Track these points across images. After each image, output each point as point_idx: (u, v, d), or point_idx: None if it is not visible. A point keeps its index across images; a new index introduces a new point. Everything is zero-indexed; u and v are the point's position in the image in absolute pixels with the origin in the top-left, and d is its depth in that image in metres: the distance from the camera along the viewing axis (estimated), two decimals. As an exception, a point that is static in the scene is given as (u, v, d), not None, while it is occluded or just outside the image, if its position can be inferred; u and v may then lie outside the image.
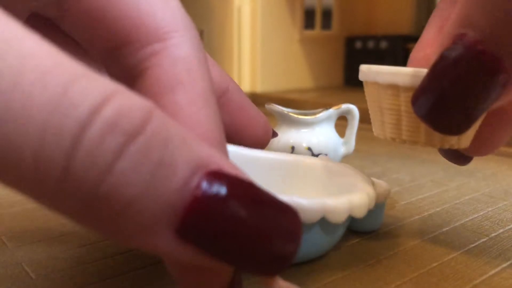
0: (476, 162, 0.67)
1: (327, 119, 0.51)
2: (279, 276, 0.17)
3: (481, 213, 0.45)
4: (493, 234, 0.40)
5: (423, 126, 0.22)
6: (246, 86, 1.33)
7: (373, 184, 0.38)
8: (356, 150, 0.73)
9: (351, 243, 0.38)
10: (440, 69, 0.15)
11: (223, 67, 1.50)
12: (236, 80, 1.33)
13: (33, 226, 0.41)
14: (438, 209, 0.46)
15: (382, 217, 0.40)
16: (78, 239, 0.38)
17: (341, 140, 0.52)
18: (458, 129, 0.16)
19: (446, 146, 0.23)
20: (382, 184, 0.40)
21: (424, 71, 0.18)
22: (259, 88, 1.31)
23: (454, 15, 0.16)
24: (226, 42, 1.38)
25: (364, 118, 0.98)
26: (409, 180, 0.57)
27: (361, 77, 0.26)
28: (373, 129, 0.28)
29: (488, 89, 0.15)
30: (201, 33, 1.46)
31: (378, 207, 0.39)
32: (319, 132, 0.50)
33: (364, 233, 0.39)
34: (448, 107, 0.16)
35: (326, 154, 0.50)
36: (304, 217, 0.29)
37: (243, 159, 0.42)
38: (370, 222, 0.39)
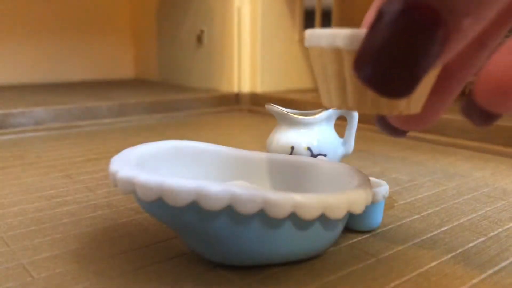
0: (475, 162, 0.67)
1: (327, 119, 0.51)
2: None
3: (480, 213, 0.45)
4: (491, 234, 0.40)
5: (369, 92, 0.20)
6: (246, 86, 1.33)
7: (372, 183, 0.38)
8: (356, 150, 0.73)
9: (350, 242, 0.38)
10: (377, 27, 0.14)
11: (223, 68, 1.50)
12: (236, 80, 1.33)
13: (34, 226, 0.41)
14: (437, 208, 0.47)
15: (381, 216, 0.40)
16: (79, 239, 0.39)
17: (340, 140, 0.53)
18: (401, 91, 0.15)
19: (395, 113, 0.21)
20: (381, 183, 0.40)
21: (364, 31, 0.16)
22: (259, 89, 1.31)
23: None
24: (226, 42, 1.38)
25: (364, 118, 0.98)
26: (408, 180, 0.57)
27: (306, 43, 0.24)
28: (322, 99, 0.25)
29: (428, 44, 0.14)
30: (201, 33, 1.46)
31: (377, 206, 0.39)
32: (319, 132, 0.50)
33: (363, 232, 0.40)
34: (389, 67, 0.14)
35: (325, 155, 0.50)
36: (305, 213, 0.29)
37: (244, 160, 0.42)
38: (369, 221, 0.39)
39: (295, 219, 0.31)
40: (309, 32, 0.24)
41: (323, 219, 0.32)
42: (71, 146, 0.77)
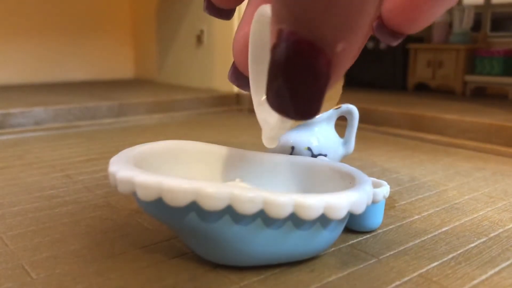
0: (476, 162, 0.67)
1: (327, 119, 0.51)
2: None
3: (481, 213, 0.45)
4: (492, 234, 0.40)
5: None
6: (246, 86, 1.32)
7: (372, 183, 0.38)
8: (356, 150, 0.73)
9: (350, 242, 0.38)
10: (272, 68, 0.17)
11: (224, 67, 1.50)
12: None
13: (33, 226, 0.41)
14: (437, 209, 0.46)
15: (381, 216, 0.40)
16: (79, 239, 0.38)
17: (341, 140, 0.52)
18: (311, 114, 0.17)
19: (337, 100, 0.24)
20: (381, 183, 0.40)
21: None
22: (259, 88, 1.31)
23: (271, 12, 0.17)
24: (226, 42, 1.37)
25: (364, 118, 0.98)
26: (409, 180, 0.57)
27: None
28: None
29: (316, 71, 0.16)
30: (201, 33, 1.46)
31: (377, 206, 0.39)
32: (319, 132, 0.50)
33: (364, 233, 0.40)
34: (293, 98, 0.17)
35: (325, 155, 0.50)
36: (305, 214, 0.29)
37: (244, 160, 0.42)
38: (370, 221, 0.39)
39: (295, 220, 0.31)
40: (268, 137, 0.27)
41: (324, 220, 0.31)
42: (71, 146, 0.77)
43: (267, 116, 0.24)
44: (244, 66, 0.23)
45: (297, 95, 0.17)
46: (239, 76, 0.25)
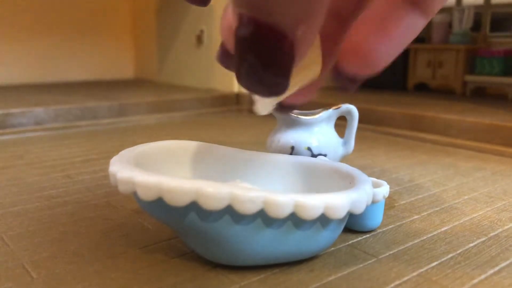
0: (475, 162, 0.67)
1: (327, 119, 0.51)
2: None
3: (480, 213, 0.45)
4: (492, 234, 0.40)
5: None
6: (246, 86, 1.33)
7: (372, 183, 0.38)
8: (356, 150, 0.73)
9: (350, 242, 0.38)
10: (237, 50, 0.17)
11: (223, 68, 1.49)
12: (236, 80, 1.33)
13: (34, 226, 0.41)
14: (437, 208, 0.47)
15: (381, 216, 0.40)
16: (79, 239, 0.38)
17: (340, 140, 0.53)
18: (277, 92, 0.17)
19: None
20: (381, 183, 0.40)
21: None
22: (259, 88, 1.31)
23: None
24: (226, 42, 1.37)
25: (364, 118, 0.98)
26: (408, 180, 0.57)
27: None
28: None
29: (280, 54, 0.16)
30: (201, 33, 1.46)
31: (377, 206, 0.39)
32: (319, 132, 0.50)
33: (364, 233, 0.40)
34: (260, 78, 0.17)
35: (325, 155, 0.50)
36: (305, 213, 0.29)
37: (244, 160, 0.42)
38: (370, 221, 0.39)
39: (295, 220, 0.31)
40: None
41: (324, 219, 0.31)
42: (71, 146, 0.77)
43: None
44: (233, 44, 0.24)
45: (262, 76, 0.16)
46: (228, 56, 0.25)
